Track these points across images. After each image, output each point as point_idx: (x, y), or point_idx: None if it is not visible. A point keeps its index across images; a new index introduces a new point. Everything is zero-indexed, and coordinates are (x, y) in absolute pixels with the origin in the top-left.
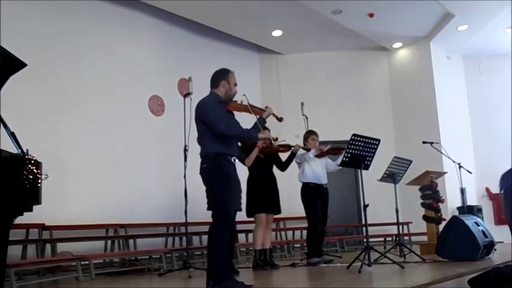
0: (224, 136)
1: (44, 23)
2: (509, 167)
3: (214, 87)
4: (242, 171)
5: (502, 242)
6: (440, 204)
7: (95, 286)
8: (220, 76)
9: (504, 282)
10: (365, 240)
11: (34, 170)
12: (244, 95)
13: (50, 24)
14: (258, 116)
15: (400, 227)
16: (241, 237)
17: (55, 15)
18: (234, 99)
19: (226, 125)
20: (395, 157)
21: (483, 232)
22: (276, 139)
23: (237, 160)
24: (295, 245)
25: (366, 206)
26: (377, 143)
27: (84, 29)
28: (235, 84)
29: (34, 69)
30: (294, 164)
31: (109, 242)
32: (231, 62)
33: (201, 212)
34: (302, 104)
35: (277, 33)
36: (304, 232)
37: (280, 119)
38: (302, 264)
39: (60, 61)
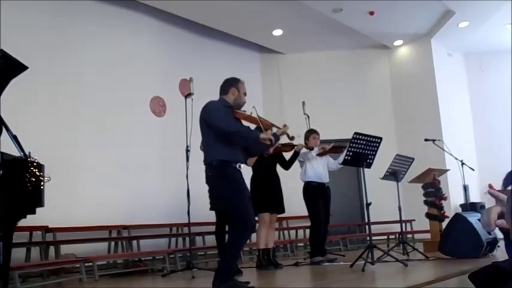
0: (228, 140)
1: (45, 25)
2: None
3: (223, 93)
4: (246, 171)
5: None
6: (443, 201)
7: (98, 287)
8: (231, 83)
9: (504, 277)
10: (368, 238)
11: (37, 173)
12: (253, 107)
13: (51, 26)
14: (271, 131)
15: (403, 224)
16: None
17: (56, 16)
18: (242, 109)
19: (227, 122)
20: (397, 155)
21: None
22: (293, 138)
23: (242, 166)
24: (298, 244)
25: (368, 205)
26: (379, 141)
27: (85, 30)
28: (245, 94)
29: (35, 71)
30: (296, 163)
31: (112, 243)
32: (232, 62)
33: (203, 212)
34: (303, 103)
35: (277, 32)
36: (307, 231)
37: (292, 138)
38: (305, 263)
39: (61, 63)
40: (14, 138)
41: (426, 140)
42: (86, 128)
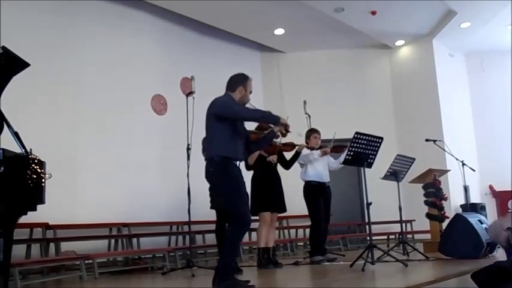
0: (231, 137)
1: (45, 25)
2: None
3: (230, 90)
4: (247, 170)
5: None
6: (443, 202)
7: (98, 285)
8: (239, 81)
9: (506, 277)
10: (368, 238)
11: (38, 170)
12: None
13: (51, 26)
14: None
15: (403, 225)
16: (245, 235)
17: (56, 16)
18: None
19: (248, 111)
20: (398, 155)
21: (486, 230)
22: (285, 134)
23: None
24: (298, 244)
25: (368, 204)
26: (380, 141)
27: (85, 30)
28: (251, 92)
29: (35, 71)
30: (296, 163)
31: (112, 241)
32: (233, 60)
33: (204, 210)
34: (304, 102)
35: (279, 31)
36: (307, 230)
37: (284, 135)
38: (305, 262)
39: (61, 63)
40: (16, 134)
41: (427, 140)
42: (86, 128)
